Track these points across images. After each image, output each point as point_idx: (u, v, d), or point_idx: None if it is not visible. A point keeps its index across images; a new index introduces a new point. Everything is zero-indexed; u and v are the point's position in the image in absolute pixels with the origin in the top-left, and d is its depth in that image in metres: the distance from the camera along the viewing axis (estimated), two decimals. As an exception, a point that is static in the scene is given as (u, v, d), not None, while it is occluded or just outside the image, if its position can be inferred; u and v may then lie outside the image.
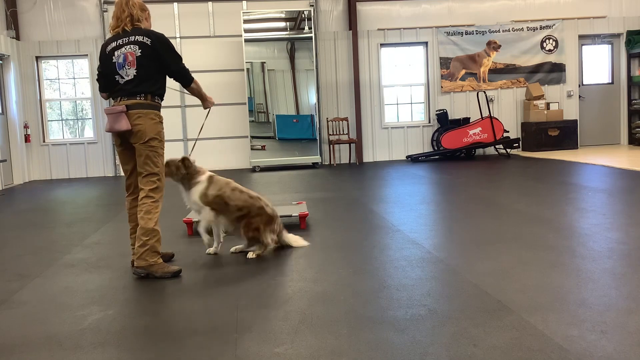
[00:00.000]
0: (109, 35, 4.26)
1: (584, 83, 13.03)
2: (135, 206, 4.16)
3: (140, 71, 4.02)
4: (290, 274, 3.88)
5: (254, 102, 11.60)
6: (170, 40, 4.26)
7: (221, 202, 4.39)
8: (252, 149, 11.53)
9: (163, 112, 4.23)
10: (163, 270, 3.96)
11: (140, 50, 4.01)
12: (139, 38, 4.03)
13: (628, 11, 12.77)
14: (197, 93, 4.44)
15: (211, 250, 4.54)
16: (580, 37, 12.71)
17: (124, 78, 4.05)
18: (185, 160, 4.40)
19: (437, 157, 12.16)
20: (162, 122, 4.14)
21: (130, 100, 4.01)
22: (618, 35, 12.85)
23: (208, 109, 4.62)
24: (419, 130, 12.57)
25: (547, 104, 12.33)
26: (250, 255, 4.41)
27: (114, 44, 4.11)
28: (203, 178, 4.44)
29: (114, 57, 4.08)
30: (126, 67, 4.04)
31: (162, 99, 4.20)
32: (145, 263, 3.93)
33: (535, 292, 3.22)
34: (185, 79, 4.25)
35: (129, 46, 4.04)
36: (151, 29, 4.22)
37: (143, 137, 3.99)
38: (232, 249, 4.61)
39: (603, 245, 4.21)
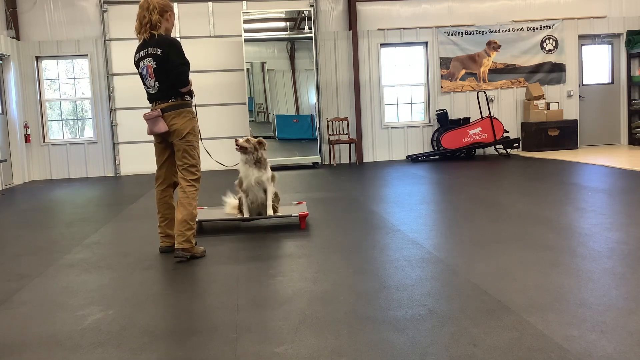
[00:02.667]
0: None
1: (584, 83, 13.03)
2: (165, 196, 4.60)
3: (161, 82, 4.33)
4: (290, 274, 3.88)
5: (254, 102, 11.61)
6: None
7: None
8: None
9: None
10: (199, 251, 4.41)
11: (155, 63, 4.31)
12: (152, 50, 4.31)
13: (628, 11, 12.77)
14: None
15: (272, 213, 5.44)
16: (580, 37, 12.71)
17: (150, 88, 4.41)
18: (262, 143, 5.28)
19: (437, 157, 12.16)
20: (195, 118, 4.50)
21: (164, 104, 4.37)
22: (618, 35, 12.86)
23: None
24: (419, 130, 12.57)
25: (547, 104, 12.34)
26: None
27: (138, 55, 4.43)
28: (267, 162, 5.39)
29: (139, 68, 4.43)
30: (149, 78, 4.38)
31: (192, 97, 4.52)
32: (190, 245, 4.32)
33: (535, 292, 3.22)
34: (180, 82, 4.37)
35: (147, 59, 4.35)
36: (171, 28, 4.48)
37: (180, 134, 4.36)
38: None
39: (603, 245, 4.21)
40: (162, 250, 4.66)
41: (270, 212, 5.40)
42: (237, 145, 5.23)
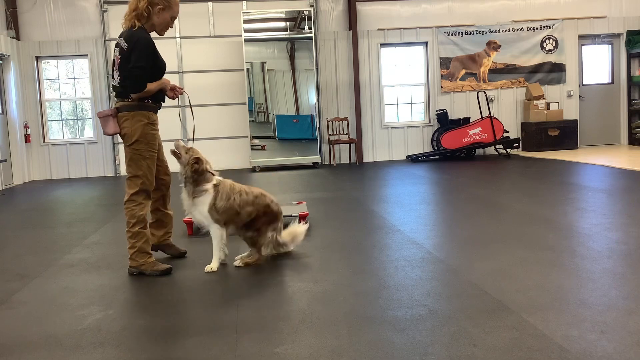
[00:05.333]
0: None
1: (584, 83, 13.03)
2: (155, 206, 4.31)
3: (122, 77, 3.97)
4: (290, 274, 3.88)
5: (254, 102, 11.61)
6: (170, 40, 4.24)
7: (232, 213, 4.03)
8: (252, 149, 11.53)
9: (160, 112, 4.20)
10: (152, 268, 4.03)
11: (120, 55, 3.97)
12: (122, 42, 3.96)
13: (628, 11, 12.77)
14: (156, 88, 4.02)
15: (214, 268, 4.05)
16: (580, 37, 12.71)
17: (114, 80, 4.07)
18: (196, 164, 3.98)
19: (437, 157, 12.16)
20: (152, 124, 4.02)
21: (120, 102, 4.02)
22: (618, 35, 12.86)
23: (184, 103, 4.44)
24: (419, 130, 12.57)
25: (547, 104, 12.34)
26: (237, 262, 4.09)
27: (116, 42, 4.11)
28: (209, 186, 4.01)
29: (114, 57, 4.10)
30: (114, 70, 4.05)
31: (156, 100, 4.08)
32: (136, 263, 4.04)
33: (535, 292, 3.22)
34: (130, 84, 3.90)
35: (117, 49, 4.03)
36: (161, 25, 4.05)
37: (128, 139, 3.99)
38: (235, 263, 4.12)
39: (603, 245, 4.21)
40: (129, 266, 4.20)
41: (214, 264, 4.02)
42: (173, 148, 4.08)
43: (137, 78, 3.88)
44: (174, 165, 4.15)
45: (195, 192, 4.01)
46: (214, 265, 4.05)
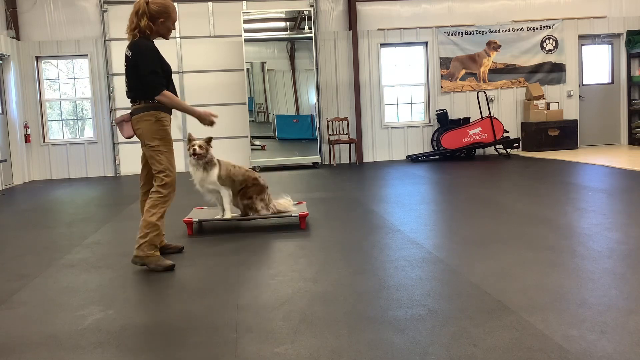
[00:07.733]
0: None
1: (584, 83, 13.03)
2: (145, 199, 4.46)
3: (130, 82, 4.27)
4: (290, 274, 3.88)
5: (254, 102, 11.61)
6: (170, 40, 4.31)
7: (229, 181, 5.25)
8: (252, 149, 11.53)
9: None
10: (157, 263, 4.14)
11: (125, 63, 4.28)
12: (127, 51, 4.26)
13: (628, 11, 12.78)
14: (182, 109, 4.39)
15: (227, 216, 5.34)
16: (580, 37, 12.71)
17: (126, 87, 4.36)
18: (209, 141, 5.13)
19: (437, 157, 12.16)
20: (161, 120, 4.25)
21: (133, 107, 4.30)
22: (618, 35, 12.86)
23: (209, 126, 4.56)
24: (419, 130, 12.57)
25: (547, 104, 12.34)
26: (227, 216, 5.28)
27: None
28: (215, 161, 5.19)
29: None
30: (125, 79, 4.36)
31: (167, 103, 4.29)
32: (143, 254, 4.13)
33: (535, 292, 3.22)
34: (148, 89, 4.17)
35: (125, 59, 4.31)
36: (166, 32, 4.35)
37: (143, 139, 4.27)
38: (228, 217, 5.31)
39: (603, 245, 4.21)
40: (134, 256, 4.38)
41: (227, 215, 5.31)
42: (194, 155, 5.10)
43: (149, 84, 4.15)
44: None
45: (207, 167, 5.16)
46: (227, 215, 5.31)
